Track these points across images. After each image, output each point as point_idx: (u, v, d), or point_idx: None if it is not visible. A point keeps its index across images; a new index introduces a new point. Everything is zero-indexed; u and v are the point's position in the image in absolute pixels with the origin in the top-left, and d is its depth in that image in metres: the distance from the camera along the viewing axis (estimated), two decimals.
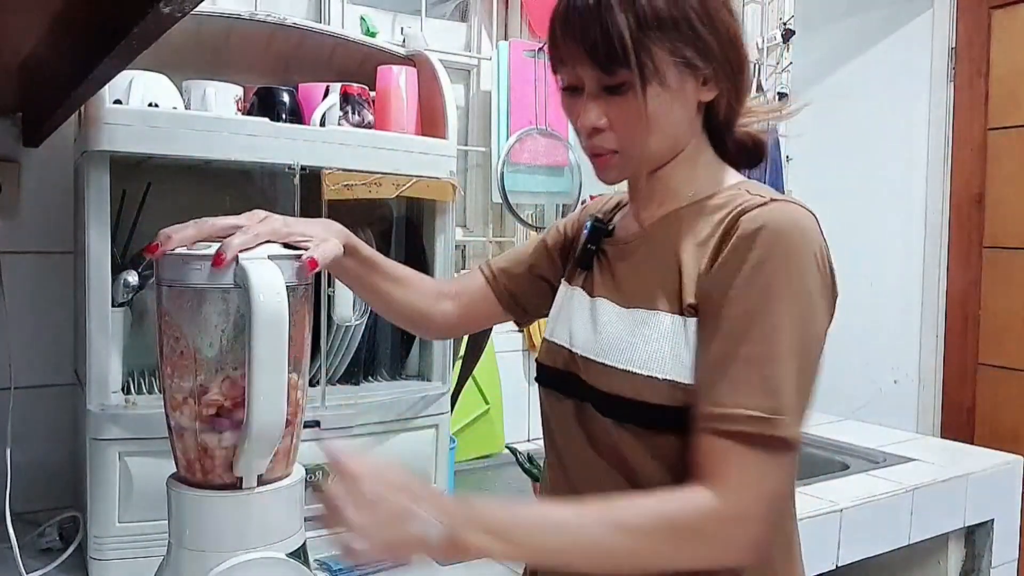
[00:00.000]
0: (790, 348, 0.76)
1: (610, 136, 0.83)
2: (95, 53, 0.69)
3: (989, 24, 2.47)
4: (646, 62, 0.78)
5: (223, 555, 0.73)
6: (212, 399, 0.74)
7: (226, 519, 0.74)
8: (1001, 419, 2.44)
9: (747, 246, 0.78)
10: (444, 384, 1.32)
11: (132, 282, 1.15)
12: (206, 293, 0.74)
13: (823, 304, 0.80)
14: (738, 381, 0.76)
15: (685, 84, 0.81)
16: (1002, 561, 1.75)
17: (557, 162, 1.88)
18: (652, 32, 0.78)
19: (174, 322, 0.75)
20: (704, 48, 0.80)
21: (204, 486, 0.75)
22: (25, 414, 1.27)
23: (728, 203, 0.83)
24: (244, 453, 0.73)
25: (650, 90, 0.79)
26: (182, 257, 0.75)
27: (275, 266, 0.73)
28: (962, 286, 2.52)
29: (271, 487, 0.76)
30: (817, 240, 0.80)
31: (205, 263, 0.74)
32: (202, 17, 1.19)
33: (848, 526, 1.46)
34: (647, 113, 0.80)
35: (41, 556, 1.15)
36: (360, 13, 1.67)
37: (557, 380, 0.92)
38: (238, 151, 1.10)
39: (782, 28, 2.31)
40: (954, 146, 2.54)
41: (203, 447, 0.75)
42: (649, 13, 0.77)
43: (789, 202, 0.81)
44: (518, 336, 1.88)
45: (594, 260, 0.94)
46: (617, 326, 0.85)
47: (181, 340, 0.74)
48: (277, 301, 0.71)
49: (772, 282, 0.77)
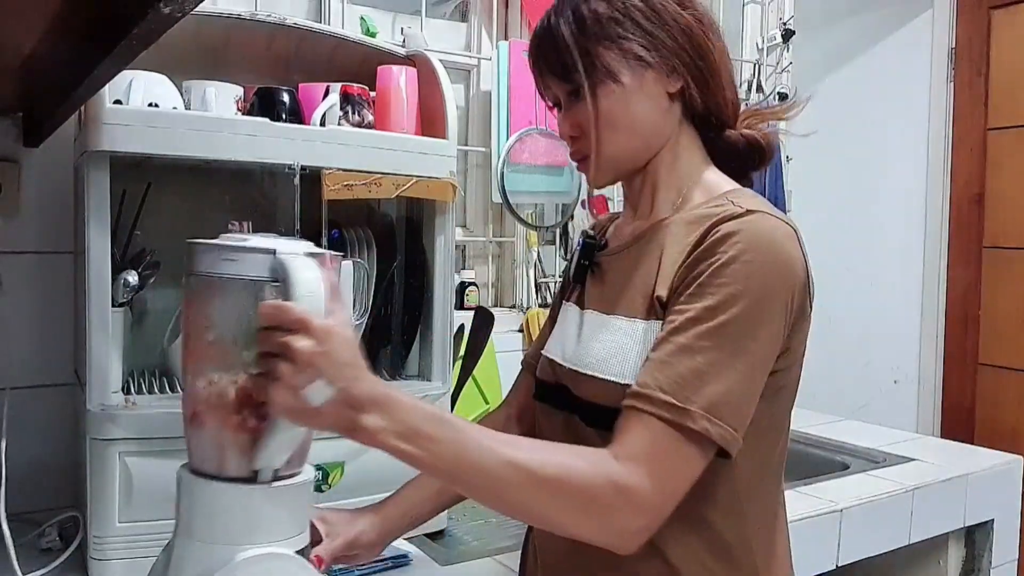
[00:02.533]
0: (732, 350, 0.77)
1: (582, 142, 0.89)
2: (95, 53, 0.69)
3: (989, 24, 2.47)
4: (592, 63, 0.84)
5: (233, 548, 0.72)
6: (241, 390, 0.73)
7: (241, 511, 0.73)
8: (1001, 419, 2.44)
9: (715, 248, 0.79)
10: (444, 384, 1.32)
11: (132, 282, 1.15)
12: (239, 284, 0.73)
13: (781, 318, 0.80)
14: (666, 366, 0.77)
15: (643, 79, 0.85)
16: (1002, 561, 1.75)
17: (557, 162, 1.88)
18: (594, 35, 0.84)
19: (203, 312, 0.74)
20: (654, 42, 0.85)
21: (217, 478, 0.75)
22: (25, 414, 1.27)
23: (710, 213, 0.84)
24: (268, 446, 0.73)
25: (602, 89, 0.84)
26: (218, 247, 0.74)
27: (314, 263, 0.72)
28: (962, 286, 2.52)
29: (286, 482, 0.75)
30: (789, 254, 0.81)
31: (240, 254, 0.73)
32: (202, 17, 1.19)
33: (848, 526, 1.46)
34: (599, 110, 0.85)
35: (41, 556, 1.15)
36: (360, 13, 1.68)
37: (550, 394, 0.93)
38: (238, 151, 1.10)
39: (782, 28, 2.31)
40: (954, 146, 2.54)
41: (222, 438, 0.74)
42: (590, 19, 0.84)
43: (769, 215, 0.82)
44: (518, 336, 1.89)
45: (587, 274, 0.95)
46: (599, 335, 0.86)
47: (209, 330, 0.74)
48: (315, 297, 0.71)
49: (731, 284, 0.78)
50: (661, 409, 0.75)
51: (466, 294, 1.81)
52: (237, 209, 1.27)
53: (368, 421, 0.69)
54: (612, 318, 0.86)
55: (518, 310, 1.92)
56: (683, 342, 0.77)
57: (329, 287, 0.71)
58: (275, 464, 0.74)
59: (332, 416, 0.69)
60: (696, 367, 0.76)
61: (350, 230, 1.28)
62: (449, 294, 1.33)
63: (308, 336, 0.66)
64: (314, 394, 0.68)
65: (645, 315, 0.83)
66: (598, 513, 0.74)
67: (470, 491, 0.77)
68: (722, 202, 0.84)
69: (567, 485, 0.73)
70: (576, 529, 0.76)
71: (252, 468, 0.74)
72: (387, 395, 0.70)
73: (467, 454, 0.72)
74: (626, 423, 0.77)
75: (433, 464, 0.72)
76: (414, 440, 0.70)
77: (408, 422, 0.70)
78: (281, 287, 0.71)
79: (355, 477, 1.18)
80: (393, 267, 1.32)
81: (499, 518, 1.45)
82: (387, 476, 1.01)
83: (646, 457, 0.75)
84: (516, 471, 0.72)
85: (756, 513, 0.87)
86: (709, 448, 0.77)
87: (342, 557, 0.90)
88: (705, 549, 0.84)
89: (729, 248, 0.78)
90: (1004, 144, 2.45)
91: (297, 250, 0.72)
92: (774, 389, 0.83)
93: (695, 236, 0.82)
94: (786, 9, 2.34)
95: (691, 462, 0.76)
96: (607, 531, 0.76)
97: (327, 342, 0.67)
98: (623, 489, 0.74)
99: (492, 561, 1.21)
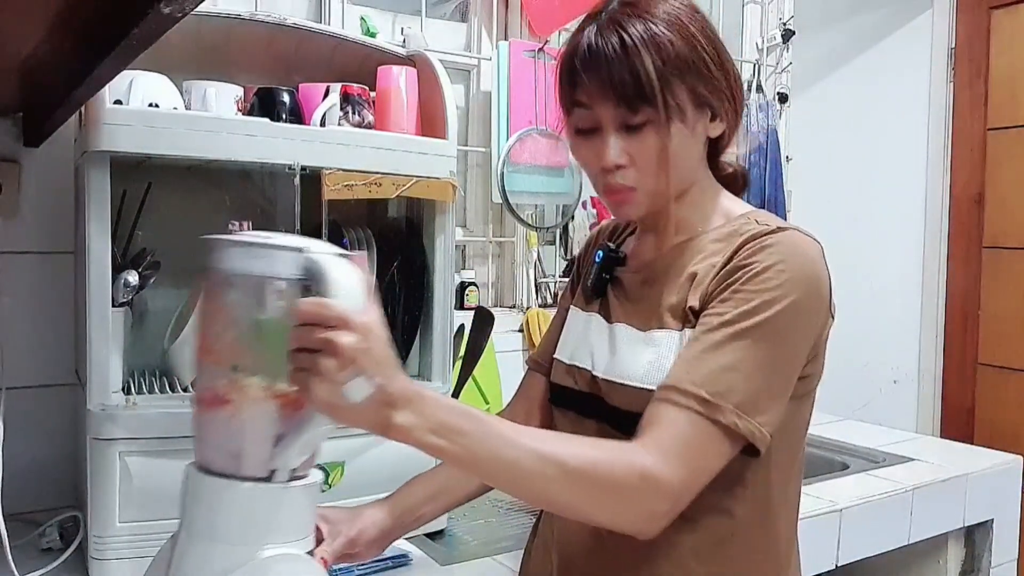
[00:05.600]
0: (764, 352, 0.80)
1: (630, 173, 0.86)
2: (95, 53, 0.69)
3: (989, 24, 2.47)
4: (670, 100, 0.82)
5: (243, 548, 0.72)
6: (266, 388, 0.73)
7: (253, 511, 0.73)
8: (1001, 419, 2.44)
9: (751, 258, 0.82)
10: (444, 384, 1.33)
11: (132, 282, 1.15)
12: (267, 282, 0.72)
13: (811, 326, 0.83)
14: (699, 362, 0.79)
15: (699, 121, 0.86)
16: (1002, 561, 1.75)
17: (557, 162, 1.88)
18: (674, 72, 0.82)
19: (225, 309, 0.73)
20: (716, 87, 0.86)
21: (229, 477, 0.73)
22: (25, 414, 1.27)
23: (739, 230, 0.87)
24: (292, 444, 0.72)
25: (673, 127, 0.83)
26: (244, 244, 0.73)
27: (348, 261, 0.72)
28: (962, 286, 2.52)
29: (300, 483, 0.75)
30: (817, 268, 0.84)
31: (269, 251, 0.72)
32: (202, 17, 1.19)
33: (848, 526, 1.46)
34: (670, 149, 0.84)
35: (41, 556, 1.15)
36: (360, 13, 1.68)
37: (578, 401, 0.95)
38: (238, 151, 1.10)
39: (782, 28, 2.31)
40: (954, 146, 2.54)
41: (243, 436, 0.73)
42: (672, 55, 0.82)
43: (797, 230, 0.86)
44: (518, 336, 1.89)
45: (608, 287, 0.96)
46: (638, 350, 0.88)
47: (230, 328, 0.73)
48: (354, 295, 0.70)
49: (766, 291, 0.80)
50: (692, 402, 0.77)
51: (466, 294, 1.81)
52: (237, 209, 1.27)
53: (402, 418, 0.70)
54: (650, 333, 0.88)
55: (518, 310, 1.92)
56: (717, 340, 0.80)
57: (365, 286, 0.71)
58: (293, 464, 0.74)
59: (369, 413, 0.69)
60: (728, 364, 0.78)
61: (350, 230, 1.28)
62: (449, 294, 1.33)
63: (351, 332, 0.67)
64: (355, 391, 0.68)
65: (680, 325, 0.86)
66: (624, 500, 0.76)
67: (498, 482, 0.78)
68: (745, 221, 0.88)
69: (595, 475, 0.75)
70: (602, 516, 0.78)
71: (270, 468, 0.74)
72: (419, 392, 0.71)
73: (497, 447, 0.73)
74: (656, 414, 0.79)
75: (464, 457, 0.73)
76: (446, 435, 0.71)
77: (439, 418, 0.71)
78: (317, 285, 0.70)
79: (355, 477, 1.18)
80: (393, 267, 1.32)
81: (499, 518, 1.45)
82: (387, 476, 1.02)
83: (675, 447, 0.77)
84: (545, 462, 0.74)
85: (783, 512, 0.90)
86: (736, 443, 0.79)
87: (344, 555, 0.90)
88: (734, 545, 0.86)
89: (766, 258, 0.81)
90: (1004, 144, 2.45)
91: (325, 250, 0.72)
92: (801, 394, 0.86)
93: (728, 250, 0.85)
94: (786, 9, 2.34)
95: (717, 455, 0.79)
96: (632, 518, 0.78)
97: (369, 339, 0.67)
98: (649, 477, 0.75)
99: (492, 561, 1.21)
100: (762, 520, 0.88)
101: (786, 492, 0.91)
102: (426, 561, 1.20)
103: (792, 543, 0.93)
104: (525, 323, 1.89)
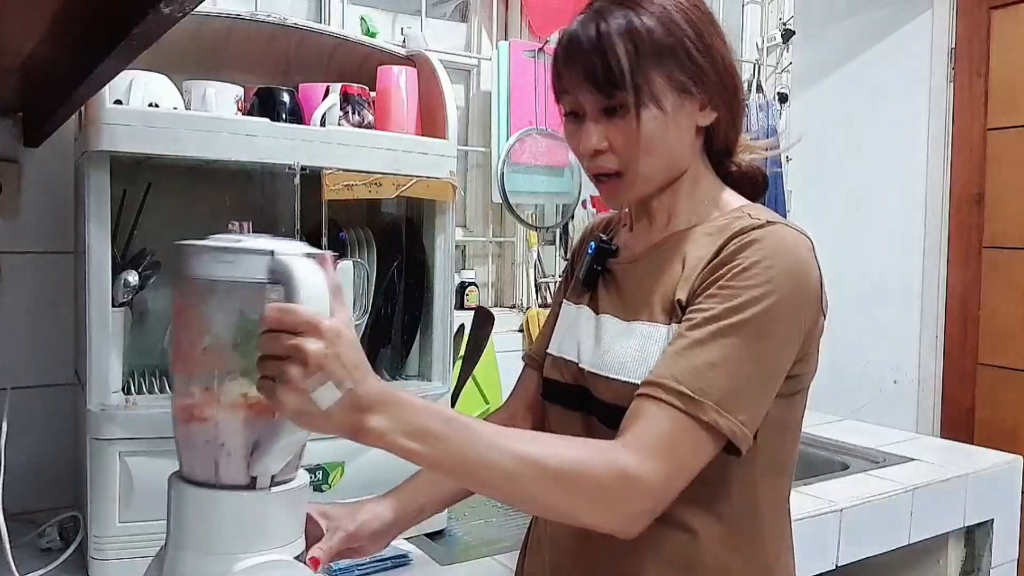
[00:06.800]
0: (748, 349, 0.79)
1: (611, 157, 0.87)
2: (95, 53, 0.69)
3: (988, 24, 2.47)
4: (642, 85, 0.83)
5: (230, 557, 0.71)
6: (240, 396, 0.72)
7: (242, 519, 0.72)
8: (1001, 419, 2.44)
9: (737, 254, 0.82)
10: (444, 384, 1.33)
11: (132, 282, 1.15)
12: (236, 287, 0.71)
13: (797, 324, 0.82)
14: (681, 358, 0.79)
15: (682, 109, 0.86)
16: (1002, 561, 1.75)
17: (557, 162, 1.88)
18: (649, 59, 0.83)
19: (197, 317, 0.72)
20: (699, 75, 0.85)
21: (210, 486, 0.73)
22: (25, 414, 1.27)
23: (730, 224, 0.86)
24: (269, 451, 0.71)
25: (645, 112, 0.84)
26: (211, 249, 0.72)
27: (315, 264, 0.71)
28: (962, 286, 2.52)
29: (283, 488, 0.74)
30: (807, 264, 0.83)
31: (237, 256, 0.71)
32: (202, 17, 1.19)
33: (848, 526, 1.46)
34: (640, 133, 0.84)
35: (41, 556, 1.15)
36: (360, 13, 1.68)
37: (565, 394, 0.94)
38: (238, 151, 1.10)
39: (782, 28, 2.31)
40: (954, 146, 2.53)
41: (220, 445, 0.73)
42: (647, 41, 0.83)
43: (787, 226, 0.85)
44: (518, 336, 1.89)
45: (599, 279, 0.96)
46: (619, 340, 0.88)
47: (204, 335, 0.72)
48: (320, 299, 0.69)
49: (751, 287, 0.80)
50: (674, 398, 0.77)
51: (466, 294, 1.81)
52: (237, 209, 1.27)
53: (374, 422, 0.69)
54: (634, 324, 0.88)
55: (518, 310, 1.92)
56: (700, 337, 0.79)
57: (331, 288, 0.70)
58: (273, 470, 0.74)
59: (340, 418, 0.68)
60: (711, 361, 0.78)
61: (350, 230, 1.28)
62: (449, 294, 1.33)
63: (318, 338, 0.66)
64: (323, 397, 0.67)
65: (667, 319, 0.85)
66: (606, 501, 0.75)
67: (478, 486, 0.78)
68: (739, 215, 0.87)
69: (576, 476, 0.74)
70: (584, 518, 0.78)
71: (250, 475, 0.73)
72: (392, 395, 0.70)
73: (475, 449, 0.72)
74: (638, 411, 0.79)
75: (441, 461, 0.72)
76: (421, 438, 0.70)
77: (414, 421, 0.70)
78: (283, 289, 0.69)
79: (355, 477, 1.18)
80: (393, 267, 1.32)
81: (499, 518, 1.45)
82: (387, 476, 1.01)
83: (656, 445, 0.76)
84: (524, 464, 0.73)
85: (769, 511, 0.89)
86: (718, 441, 0.78)
87: (345, 551, 0.89)
88: (720, 544, 0.86)
89: (752, 254, 0.81)
90: (1004, 144, 2.45)
91: (294, 251, 0.71)
92: (791, 392, 0.86)
93: (716, 243, 0.84)
94: (786, 9, 2.34)
95: (699, 452, 0.78)
96: (614, 518, 0.77)
97: (337, 344, 0.66)
98: (629, 476, 0.75)
99: (492, 561, 1.21)
100: (750, 519, 0.87)
101: (776, 492, 0.90)
102: (426, 561, 1.20)
103: (782, 542, 0.92)
104: (525, 323, 1.89)
